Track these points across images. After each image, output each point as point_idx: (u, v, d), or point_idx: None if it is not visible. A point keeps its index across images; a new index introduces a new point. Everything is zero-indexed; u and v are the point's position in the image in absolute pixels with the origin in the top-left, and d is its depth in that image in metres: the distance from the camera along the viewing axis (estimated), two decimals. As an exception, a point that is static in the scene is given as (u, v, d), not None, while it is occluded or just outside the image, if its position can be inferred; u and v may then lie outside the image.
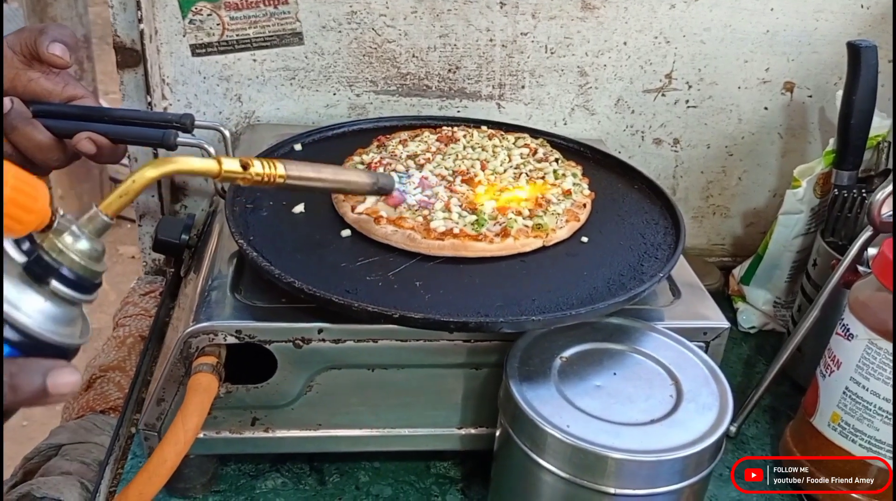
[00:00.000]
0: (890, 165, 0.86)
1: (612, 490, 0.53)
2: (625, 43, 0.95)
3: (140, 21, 0.84)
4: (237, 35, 0.90)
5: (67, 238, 0.41)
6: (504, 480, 0.60)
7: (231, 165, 0.49)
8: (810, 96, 1.00)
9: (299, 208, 0.72)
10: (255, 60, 0.91)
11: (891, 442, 0.66)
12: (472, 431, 0.68)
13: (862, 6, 0.95)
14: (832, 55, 0.97)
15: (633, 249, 0.70)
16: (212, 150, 0.70)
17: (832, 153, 0.85)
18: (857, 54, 0.79)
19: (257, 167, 0.51)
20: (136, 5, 0.84)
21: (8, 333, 0.38)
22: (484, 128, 0.86)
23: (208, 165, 0.48)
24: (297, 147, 0.82)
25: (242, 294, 0.64)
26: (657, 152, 1.01)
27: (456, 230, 0.66)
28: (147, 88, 0.88)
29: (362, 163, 0.76)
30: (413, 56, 0.93)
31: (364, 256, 0.66)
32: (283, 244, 0.67)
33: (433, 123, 0.88)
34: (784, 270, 0.93)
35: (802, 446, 0.72)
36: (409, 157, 0.76)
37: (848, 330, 0.68)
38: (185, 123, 0.71)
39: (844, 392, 0.68)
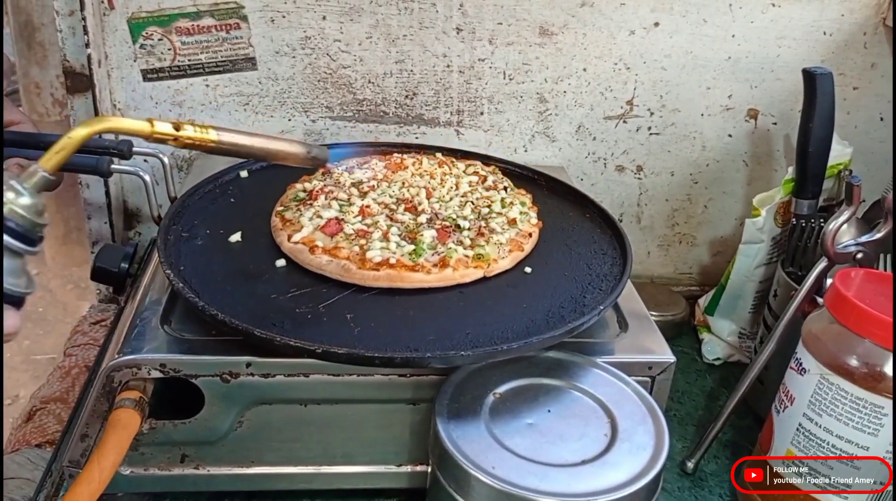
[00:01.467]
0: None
1: (540, 535, 0.50)
2: (584, 69, 0.94)
3: (87, 46, 0.83)
4: (189, 60, 0.88)
5: (9, 194, 0.44)
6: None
7: (163, 126, 0.49)
8: (775, 123, 0.98)
9: (236, 237, 0.70)
10: (207, 86, 0.90)
11: (846, 483, 0.64)
12: (415, 468, 0.65)
13: (824, 33, 0.94)
14: (795, 82, 0.95)
15: (577, 280, 0.68)
16: (147, 177, 0.68)
17: (791, 182, 0.83)
18: (813, 81, 0.78)
19: (189, 131, 0.50)
20: (83, 30, 0.83)
21: None
22: (438, 155, 0.85)
23: (140, 125, 0.49)
24: (244, 174, 0.81)
25: (172, 326, 0.62)
26: (620, 180, 1.00)
27: (392, 260, 0.64)
28: (96, 113, 0.86)
29: (304, 190, 0.74)
30: (369, 82, 0.92)
31: (297, 287, 0.64)
32: (214, 274, 0.65)
33: (385, 149, 0.87)
34: (747, 300, 0.91)
35: (758, 484, 0.70)
36: (353, 184, 0.74)
37: (801, 364, 0.66)
38: (123, 150, 0.70)
39: (798, 429, 0.66)
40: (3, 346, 0.43)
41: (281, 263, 0.67)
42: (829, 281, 0.74)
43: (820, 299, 0.75)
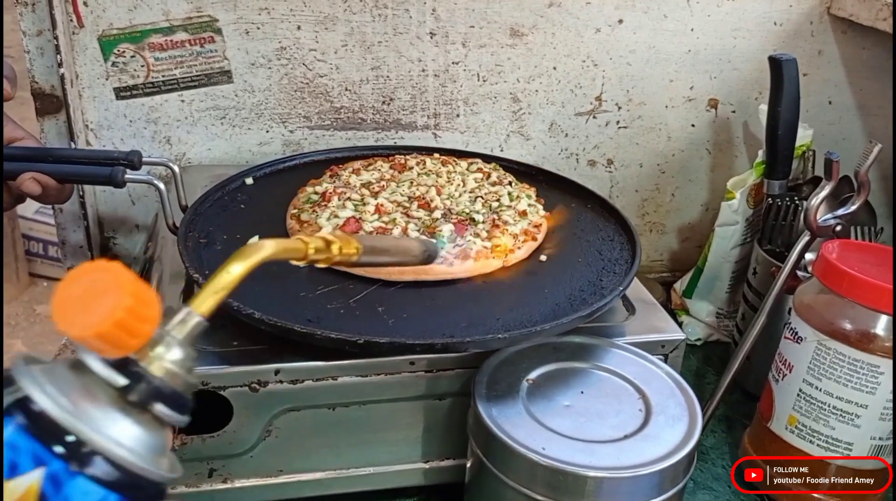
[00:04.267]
0: (817, 173, 0.89)
1: (590, 510, 0.52)
2: (554, 68, 0.96)
3: (60, 66, 0.81)
4: (163, 76, 0.87)
5: (161, 349, 0.34)
6: (478, 509, 0.59)
7: (317, 245, 0.45)
8: (733, 111, 1.03)
9: (253, 241, 0.69)
10: (182, 101, 0.89)
11: (848, 441, 0.67)
12: (439, 463, 0.66)
13: (775, 23, 0.99)
14: (751, 71, 1.00)
15: (591, 264, 0.71)
16: (162, 186, 0.67)
17: (762, 164, 0.87)
18: (780, 68, 0.82)
19: (337, 246, 0.46)
20: (55, 49, 0.81)
21: (102, 470, 0.31)
22: (436, 155, 0.86)
23: (298, 246, 0.44)
24: (249, 181, 0.80)
25: (189, 340, 0.62)
26: (592, 174, 1.03)
27: None
28: (70, 134, 0.84)
29: (316, 193, 0.74)
30: (346, 90, 0.92)
31: (324, 284, 0.64)
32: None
33: (386, 153, 0.87)
34: (724, 281, 0.95)
35: (762, 451, 0.73)
36: (362, 185, 0.75)
37: (796, 333, 0.70)
38: (133, 160, 0.69)
39: (798, 395, 0.69)
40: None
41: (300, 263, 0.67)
42: (808, 255, 0.79)
43: (800, 273, 0.79)
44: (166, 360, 0.34)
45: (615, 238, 0.76)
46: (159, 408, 0.33)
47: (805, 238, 0.76)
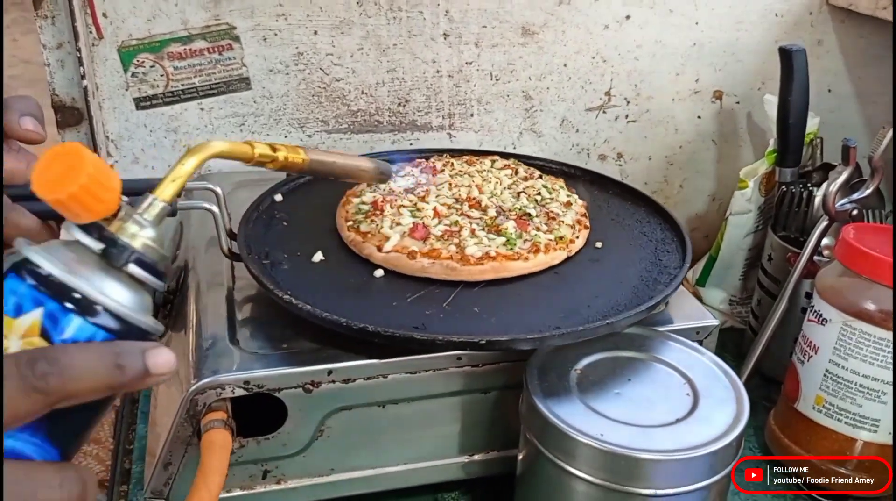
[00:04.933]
0: (825, 160, 0.92)
1: (646, 492, 0.54)
2: (565, 65, 0.98)
3: (83, 77, 0.81)
4: (182, 85, 0.88)
5: (134, 227, 0.41)
6: (533, 495, 0.60)
7: (262, 149, 0.52)
8: (738, 103, 1.05)
9: (318, 257, 0.70)
10: (202, 109, 0.90)
11: (875, 417, 0.70)
12: (483, 456, 0.67)
13: (776, 15, 1.01)
14: (754, 62, 1.03)
15: (643, 247, 0.75)
16: (216, 209, 0.67)
17: (773, 153, 0.90)
18: (790, 58, 0.84)
19: (283, 152, 0.53)
20: (76, 62, 0.81)
21: (104, 319, 0.38)
22: (464, 156, 0.88)
23: (243, 149, 0.50)
24: (278, 198, 0.80)
25: (241, 345, 0.62)
26: (603, 168, 1.05)
27: (492, 253, 0.68)
28: (94, 146, 0.85)
29: (364, 203, 0.75)
30: (362, 93, 0.94)
31: (410, 292, 0.66)
32: (327, 293, 0.65)
33: (406, 157, 0.88)
34: (737, 268, 0.98)
35: (789, 432, 0.75)
36: (406, 190, 0.77)
37: (821, 316, 0.72)
38: None
39: (825, 375, 0.71)
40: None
41: (379, 273, 0.68)
42: (824, 240, 0.81)
43: (817, 258, 0.81)
44: (141, 236, 0.41)
45: (651, 220, 0.80)
46: (133, 268, 0.40)
47: (823, 223, 0.79)
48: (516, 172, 0.82)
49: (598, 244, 0.75)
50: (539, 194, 0.78)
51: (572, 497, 0.56)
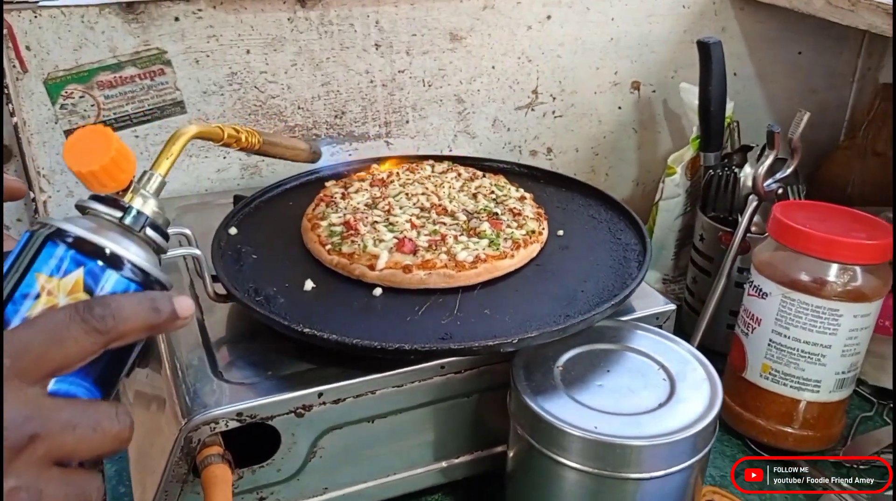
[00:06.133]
0: (742, 142, 0.98)
1: (637, 476, 0.57)
2: (493, 67, 1.01)
3: (13, 114, 0.78)
4: (115, 113, 0.85)
5: (141, 199, 0.48)
6: (525, 489, 0.63)
7: (229, 132, 0.63)
8: (654, 91, 1.11)
9: (309, 285, 0.69)
10: (137, 137, 0.88)
11: (816, 379, 0.76)
12: (468, 457, 0.70)
13: (683, 6, 1.07)
14: (666, 52, 1.08)
15: (597, 228, 0.81)
16: (199, 252, 0.63)
17: (697, 139, 0.95)
18: (708, 50, 0.90)
19: (244, 135, 0.65)
20: (4, 99, 0.78)
21: (131, 274, 0.44)
22: (402, 164, 0.89)
23: (215, 131, 0.61)
24: (233, 231, 0.77)
25: (225, 377, 0.62)
26: (535, 163, 1.08)
27: (482, 256, 0.70)
28: (28, 182, 0.81)
29: (334, 225, 0.75)
30: (299, 108, 0.94)
31: (414, 305, 0.67)
32: (337, 320, 0.64)
33: (338, 172, 0.89)
34: (669, 249, 1.03)
35: (739, 400, 0.81)
36: (367, 206, 0.77)
37: (760, 290, 0.77)
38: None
39: (770, 344, 0.77)
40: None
41: (378, 291, 0.69)
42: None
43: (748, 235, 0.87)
44: (149, 205, 0.48)
45: (591, 203, 0.86)
46: (148, 232, 0.47)
47: (754, 203, 0.84)
48: (460, 175, 0.85)
49: (560, 232, 0.79)
50: (493, 192, 0.80)
51: (566, 488, 0.59)
